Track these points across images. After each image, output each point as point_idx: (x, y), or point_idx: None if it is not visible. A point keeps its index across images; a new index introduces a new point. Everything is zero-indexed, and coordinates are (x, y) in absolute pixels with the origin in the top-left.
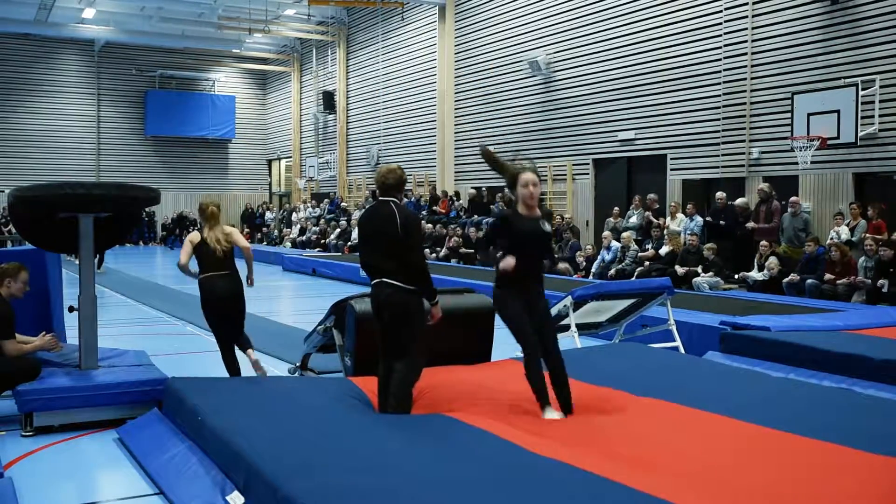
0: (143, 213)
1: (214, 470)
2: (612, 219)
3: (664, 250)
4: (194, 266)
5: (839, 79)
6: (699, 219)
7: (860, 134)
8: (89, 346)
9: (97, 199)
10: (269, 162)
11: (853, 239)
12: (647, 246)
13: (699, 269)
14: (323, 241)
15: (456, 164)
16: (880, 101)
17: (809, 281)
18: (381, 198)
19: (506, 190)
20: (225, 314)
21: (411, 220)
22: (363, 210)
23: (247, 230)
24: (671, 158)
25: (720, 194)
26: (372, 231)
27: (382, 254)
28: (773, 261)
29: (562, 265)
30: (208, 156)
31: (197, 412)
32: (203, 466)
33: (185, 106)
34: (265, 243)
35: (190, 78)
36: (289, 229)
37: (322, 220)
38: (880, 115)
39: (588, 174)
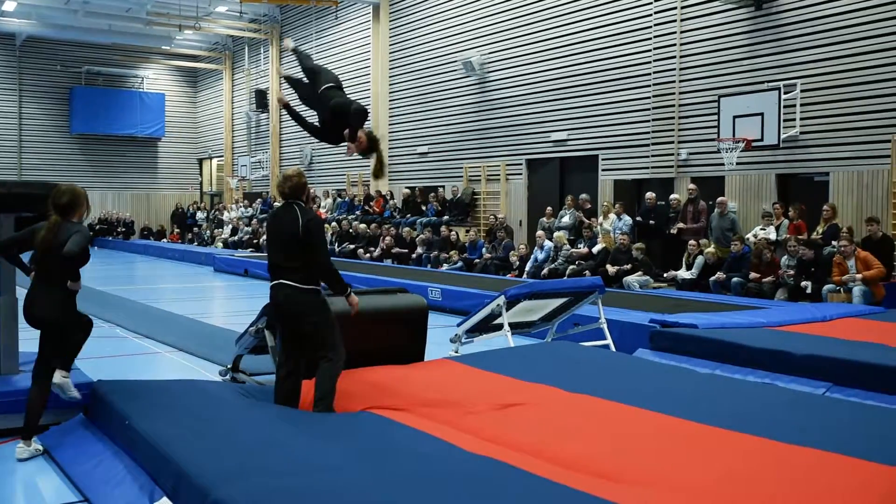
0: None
1: (143, 476)
2: (545, 218)
3: (597, 248)
4: None
5: (763, 82)
6: (628, 218)
7: (782, 136)
8: (9, 349)
9: (19, 199)
10: (200, 161)
11: (778, 238)
12: (580, 245)
13: (628, 268)
14: (255, 241)
15: (390, 164)
16: (801, 105)
17: (735, 279)
18: (286, 201)
19: (439, 190)
20: None
21: (314, 223)
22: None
23: (177, 230)
24: (603, 159)
25: (650, 194)
26: (275, 232)
27: (285, 255)
28: (704, 255)
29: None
30: (137, 154)
31: (124, 416)
32: (130, 472)
33: (113, 103)
34: (196, 243)
35: (118, 75)
36: (220, 230)
37: (254, 220)
38: (801, 118)
39: (521, 174)
